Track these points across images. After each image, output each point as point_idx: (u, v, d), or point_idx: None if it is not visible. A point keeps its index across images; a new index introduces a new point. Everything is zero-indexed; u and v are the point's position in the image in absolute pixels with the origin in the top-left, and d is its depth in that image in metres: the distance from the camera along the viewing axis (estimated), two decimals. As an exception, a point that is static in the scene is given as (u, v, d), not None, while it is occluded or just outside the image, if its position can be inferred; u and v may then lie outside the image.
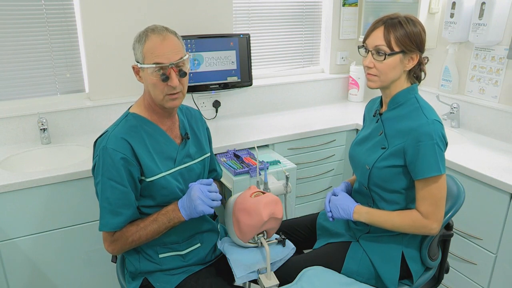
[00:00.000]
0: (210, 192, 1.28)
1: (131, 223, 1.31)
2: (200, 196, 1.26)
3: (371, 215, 1.39)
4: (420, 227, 1.33)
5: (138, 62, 1.31)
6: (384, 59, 1.32)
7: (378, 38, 1.33)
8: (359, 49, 1.41)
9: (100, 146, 1.28)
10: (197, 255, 1.44)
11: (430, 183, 1.31)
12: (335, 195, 1.50)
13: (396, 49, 1.32)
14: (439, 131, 1.30)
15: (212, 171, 1.61)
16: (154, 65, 1.25)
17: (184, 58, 1.29)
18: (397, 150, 1.35)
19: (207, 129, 1.59)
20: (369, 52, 1.35)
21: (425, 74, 1.43)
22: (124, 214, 1.28)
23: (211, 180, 1.34)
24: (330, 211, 1.46)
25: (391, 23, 1.32)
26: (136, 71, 1.33)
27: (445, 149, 1.33)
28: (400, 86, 1.39)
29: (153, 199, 1.34)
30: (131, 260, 1.41)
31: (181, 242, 1.41)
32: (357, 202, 1.45)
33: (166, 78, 1.25)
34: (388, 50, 1.32)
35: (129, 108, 1.39)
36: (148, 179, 1.31)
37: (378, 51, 1.33)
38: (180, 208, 1.29)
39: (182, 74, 1.28)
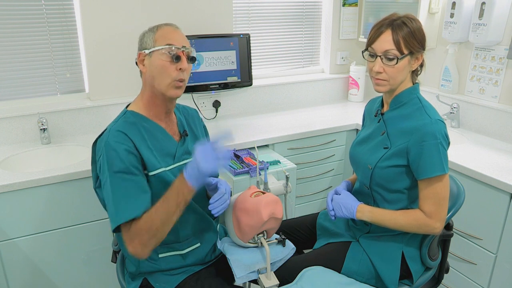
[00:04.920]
0: (214, 149, 1.16)
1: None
2: (202, 151, 1.16)
3: (374, 214, 1.39)
4: (423, 226, 1.33)
5: (145, 49, 1.32)
6: (396, 63, 1.31)
7: (387, 42, 1.31)
8: (363, 53, 1.40)
9: (102, 143, 1.27)
10: (196, 255, 1.44)
11: (434, 182, 1.31)
12: (337, 194, 1.50)
13: (405, 51, 1.31)
14: (443, 131, 1.30)
15: None
16: (167, 46, 1.28)
17: (193, 48, 1.34)
18: (400, 149, 1.35)
19: (204, 127, 1.59)
20: (378, 57, 1.34)
21: (424, 67, 1.42)
22: (140, 198, 1.23)
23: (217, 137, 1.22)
24: (333, 209, 1.46)
25: (397, 25, 1.31)
26: (141, 59, 1.33)
27: (448, 149, 1.33)
28: (404, 86, 1.40)
29: (153, 195, 1.33)
30: (131, 260, 1.41)
31: (181, 241, 1.41)
32: (360, 201, 1.45)
33: (178, 58, 1.28)
34: (399, 54, 1.31)
35: (126, 106, 1.39)
36: (150, 173, 1.30)
37: (388, 56, 1.32)
38: (185, 176, 1.19)
39: (191, 58, 1.32)
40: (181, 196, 1.19)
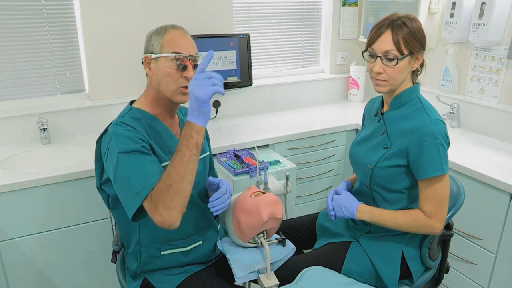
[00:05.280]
0: (205, 75, 1.14)
1: None
2: (194, 82, 1.13)
3: (374, 214, 1.39)
4: (423, 226, 1.33)
5: (152, 53, 1.30)
6: (396, 63, 1.31)
7: (387, 43, 1.31)
8: (363, 54, 1.40)
9: (109, 135, 1.26)
10: (198, 253, 1.44)
11: (434, 182, 1.31)
12: (337, 194, 1.50)
13: (406, 52, 1.31)
14: (443, 131, 1.30)
15: (210, 170, 1.62)
16: (173, 54, 1.26)
17: (199, 54, 1.32)
18: (400, 149, 1.35)
19: (205, 129, 1.59)
20: (378, 58, 1.33)
21: (424, 67, 1.42)
22: (155, 168, 1.20)
23: (203, 66, 1.17)
24: (333, 209, 1.46)
25: (397, 26, 1.30)
26: (147, 62, 1.32)
27: (448, 149, 1.33)
28: (404, 85, 1.40)
29: None
30: (133, 257, 1.41)
31: (184, 238, 1.41)
32: (360, 201, 1.45)
33: (184, 67, 1.27)
34: (399, 55, 1.31)
35: (130, 103, 1.40)
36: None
37: (388, 57, 1.32)
38: (188, 118, 1.16)
39: (197, 67, 1.29)
40: (190, 138, 1.15)
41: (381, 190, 1.43)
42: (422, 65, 1.40)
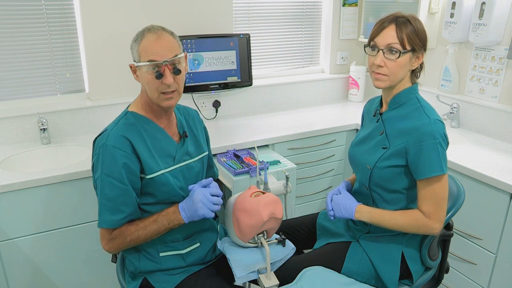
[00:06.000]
0: (212, 195, 1.30)
1: (131, 222, 1.31)
2: (202, 200, 1.27)
3: (372, 214, 1.39)
4: (422, 227, 1.33)
5: (135, 61, 1.32)
6: (398, 57, 1.31)
7: (390, 36, 1.31)
8: (365, 48, 1.39)
9: (100, 143, 1.29)
10: (196, 255, 1.44)
11: (432, 182, 1.30)
12: (336, 194, 1.50)
13: (408, 47, 1.31)
14: (441, 131, 1.30)
15: (209, 169, 1.62)
16: (148, 63, 1.26)
17: (179, 56, 1.30)
18: (399, 150, 1.35)
19: (205, 128, 1.60)
20: (380, 51, 1.33)
21: (423, 70, 1.43)
22: (123, 211, 1.28)
23: (210, 179, 1.35)
24: (332, 209, 1.46)
25: (402, 22, 1.31)
26: (133, 70, 1.35)
27: (447, 149, 1.33)
28: (403, 85, 1.39)
29: (153, 197, 1.35)
30: (131, 259, 1.41)
31: (181, 240, 1.42)
32: (359, 202, 1.45)
33: (160, 75, 1.26)
34: (401, 49, 1.31)
35: (127, 107, 1.40)
36: (148, 176, 1.31)
37: (391, 50, 1.31)
38: (180, 211, 1.30)
39: (176, 71, 1.28)
40: (171, 224, 1.32)
41: (380, 190, 1.43)
42: (421, 68, 1.40)
